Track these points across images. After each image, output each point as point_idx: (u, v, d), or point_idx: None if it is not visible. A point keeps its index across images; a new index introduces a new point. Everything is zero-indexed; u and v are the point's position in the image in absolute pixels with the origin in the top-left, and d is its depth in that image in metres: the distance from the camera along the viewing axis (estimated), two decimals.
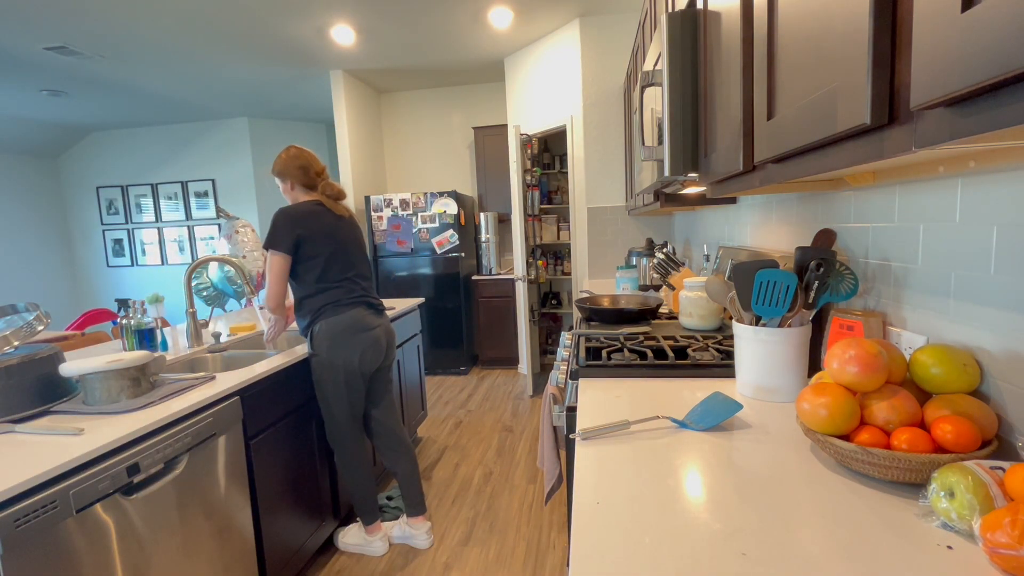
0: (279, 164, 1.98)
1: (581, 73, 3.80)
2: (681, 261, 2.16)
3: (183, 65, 4.13)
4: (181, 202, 6.03)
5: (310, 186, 2.00)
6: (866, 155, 0.55)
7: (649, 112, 1.53)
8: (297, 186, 1.99)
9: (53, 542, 1.03)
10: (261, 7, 3.22)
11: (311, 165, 1.99)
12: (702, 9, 1.14)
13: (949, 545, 0.59)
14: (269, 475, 1.73)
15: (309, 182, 1.99)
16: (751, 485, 0.75)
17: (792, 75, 0.68)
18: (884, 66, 0.49)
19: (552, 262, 5.06)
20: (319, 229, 1.91)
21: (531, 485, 2.62)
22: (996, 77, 0.34)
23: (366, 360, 1.97)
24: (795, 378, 1.07)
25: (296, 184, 1.98)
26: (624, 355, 1.36)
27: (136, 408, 1.35)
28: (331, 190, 2.00)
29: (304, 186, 1.99)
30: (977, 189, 0.76)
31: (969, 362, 0.76)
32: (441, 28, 3.74)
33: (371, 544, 2.10)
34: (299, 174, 1.97)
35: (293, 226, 1.86)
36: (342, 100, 4.60)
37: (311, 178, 1.99)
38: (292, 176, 1.97)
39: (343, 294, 1.96)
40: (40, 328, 1.51)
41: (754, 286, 1.07)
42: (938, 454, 0.68)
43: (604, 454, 0.87)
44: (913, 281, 0.92)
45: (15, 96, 4.62)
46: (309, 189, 2.00)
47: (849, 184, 1.09)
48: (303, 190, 2.00)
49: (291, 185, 1.99)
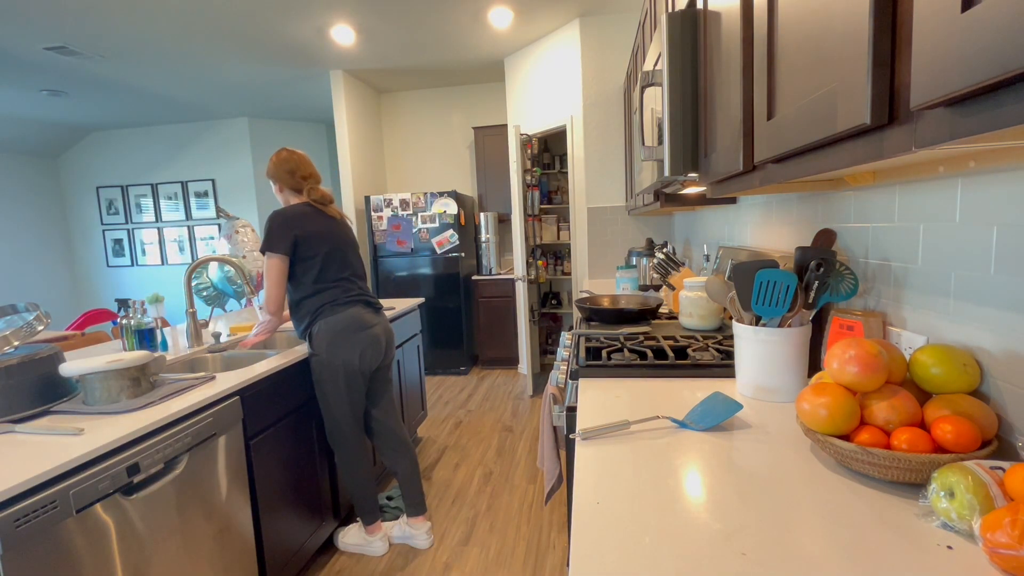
0: (270, 167, 2.01)
1: (581, 73, 3.80)
2: (681, 261, 2.16)
3: (183, 65, 4.13)
4: (181, 202, 6.03)
5: (297, 189, 2.02)
6: (866, 155, 0.55)
7: (649, 112, 1.53)
8: (286, 189, 2.01)
9: (53, 542, 1.03)
10: (261, 7, 3.22)
11: (298, 169, 2.00)
12: (702, 9, 1.14)
13: (949, 545, 0.59)
14: (269, 475, 1.73)
15: (296, 185, 2.01)
16: (751, 485, 0.75)
17: (792, 75, 0.68)
18: (884, 66, 0.49)
19: (552, 262, 5.06)
20: (313, 230, 1.92)
21: (531, 485, 2.62)
22: (996, 77, 0.34)
23: (366, 359, 1.97)
24: (795, 378, 1.07)
25: (285, 187, 2.01)
26: (624, 355, 1.36)
27: (136, 408, 1.35)
28: (316, 195, 2.01)
29: (292, 189, 2.01)
30: (977, 189, 0.76)
31: (969, 362, 0.76)
32: (441, 28, 3.74)
33: (371, 544, 2.10)
34: (287, 177, 1.99)
35: (289, 227, 1.87)
36: (342, 100, 4.60)
37: (297, 181, 2.01)
38: (281, 179, 2.00)
39: (340, 293, 1.96)
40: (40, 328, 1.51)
41: (754, 286, 1.07)
42: (938, 454, 0.68)
43: (604, 454, 0.87)
44: (913, 281, 0.92)
45: (15, 96, 4.62)
46: (296, 192, 2.02)
47: (849, 184, 1.09)
48: (292, 193, 2.02)
49: (280, 188, 2.02)
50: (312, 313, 1.93)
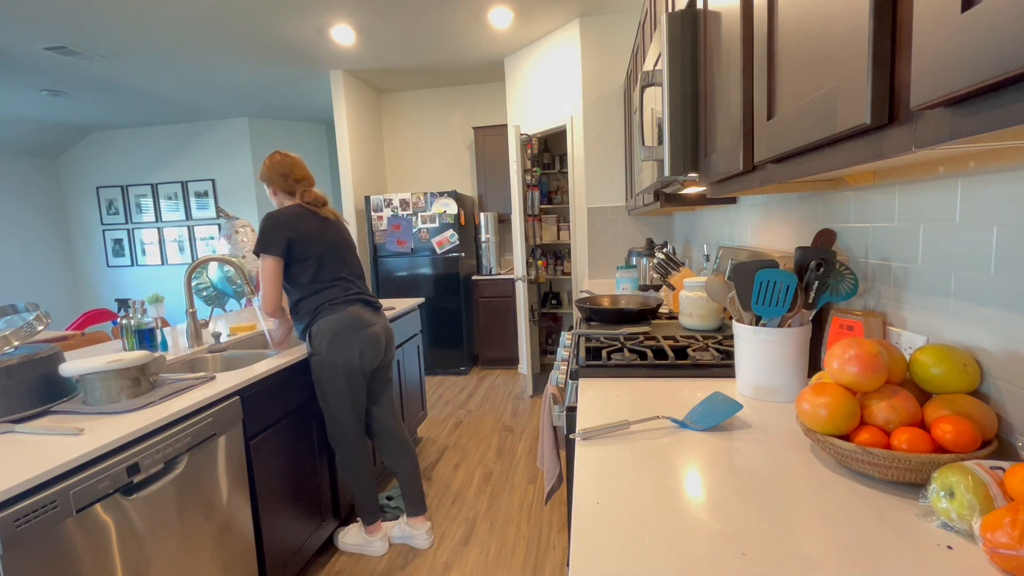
0: (263, 170, 2.02)
1: (581, 73, 3.80)
2: (681, 261, 2.16)
3: (183, 65, 4.13)
4: (181, 202, 6.03)
5: (290, 192, 2.02)
6: (866, 155, 0.55)
7: (649, 112, 1.53)
8: (279, 192, 2.02)
9: (53, 542, 1.03)
10: (261, 7, 3.22)
11: (291, 172, 2.01)
12: (702, 9, 1.14)
13: (949, 545, 0.59)
14: (269, 475, 1.73)
15: (289, 188, 2.02)
16: (751, 485, 0.75)
17: (792, 75, 0.68)
18: (884, 66, 0.49)
19: (552, 262, 5.06)
20: (307, 231, 1.92)
21: (531, 485, 2.62)
22: (996, 77, 0.34)
23: (366, 357, 1.97)
24: (795, 378, 1.07)
25: (278, 190, 2.02)
26: (624, 355, 1.36)
27: (136, 408, 1.35)
28: (310, 197, 2.02)
29: (285, 192, 2.02)
30: (977, 189, 0.76)
31: (969, 362, 0.76)
32: (441, 28, 3.74)
33: (371, 544, 2.10)
34: (280, 180, 2.00)
35: (282, 229, 1.88)
36: (342, 100, 4.60)
37: (290, 184, 2.01)
38: (274, 182, 2.01)
39: (339, 293, 1.96)
40: (40, 328, 1.51)
41: (754, 286, 1.07)
42: (938, 454, 0.68)
43: (604, 454, 0.87)
44: (913, 281, 0.92)
45: (15, 96, 4.62)
46: (290, 195, 2.03)
47: (849, 184, 1.09)
48: (285, 195, 2.03)
49: (274, 191, 2.03)
50: (311, 313, 1.94)
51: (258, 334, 2.39)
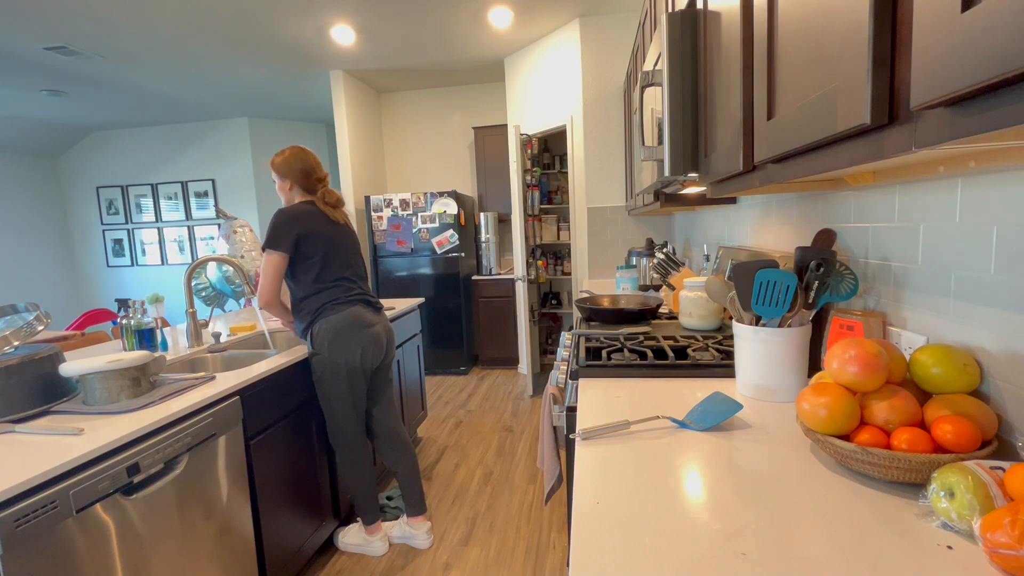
0: (282, 162, 1.98)
1: (581, 73, 3.80)
2: (681, 261, 2.16)
3: (183, 65, 4.13)
4: (181, 202, 6.03)
5: (310, 190, 2.01)
6: (866, 155, 0.55)
7: (649, 112, 1.53)
8: (296, 187, 2.00)
9: (53, 542, 1.03)
10: (261, 7, 3.22)
11: (314, 171, 2.00)
12: (702, 9, 1.14)
13: (949, 545, 0.59)
14: (269, 475, 1.73)
15: (310, 186, 2.00)
16: (751, 485, 0.75)
17: (792, 75, 0.68)
18: (884, 66, 0.49)
19: (552, 262, 5.06)
20: (316, 229, 1.92)
21: (531, 485, 2.62)
22: (996, 77, 0.34)
23: (367, 357, 1.97)
24: (795, 378, 1.07)
25: (295, 185, 1.99)
26: (624, 355, 1.36)
27: (136, 408, 1.35)
28: (331, 197, 2.01)
29: (304, 189, 2.00)
30: (977, 189, 0.76)
31: (969, 362, 0.76)
32: (441, 28, 3.73)
33: (371, 544, 2.10)
34: (300, 177, 1.98)
35: (293, 226, 1.87)
36: (342, 100, 4.60)
37: (312, 183, 2.00)
38: (292, 177, 1.98)
39: (341, 293, 1.96)
40: (40, 328, 1.51)
41: (754, 286, 1.07)
42: (938, 454, 0.68)
43: (604, 454, 0.87)
44: (913, 281, 0.92)
45: (15, 96, 4.62)
46: (308, 193, 2.01)
47: (849, 184, 1.09)
48: (300, 192, 2.01)
49: (290, 185, 2.00)
50: (313, 312, 1.93)
51: (258, 334, 2.39)
